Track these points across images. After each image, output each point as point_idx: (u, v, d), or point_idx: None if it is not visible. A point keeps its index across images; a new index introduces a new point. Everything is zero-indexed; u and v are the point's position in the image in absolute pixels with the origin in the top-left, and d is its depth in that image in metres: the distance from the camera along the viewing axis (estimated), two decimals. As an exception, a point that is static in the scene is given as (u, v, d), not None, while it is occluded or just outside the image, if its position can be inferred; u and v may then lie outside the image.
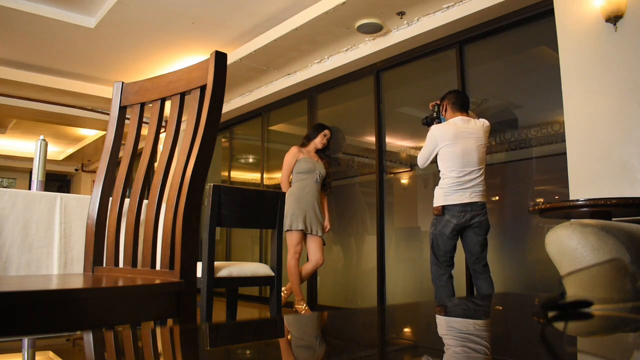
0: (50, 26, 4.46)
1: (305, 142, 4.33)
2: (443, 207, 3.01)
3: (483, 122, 3.13)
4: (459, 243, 3.09)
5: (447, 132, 3.04)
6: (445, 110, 3.22)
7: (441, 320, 0.75)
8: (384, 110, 4.54)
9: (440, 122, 3.27)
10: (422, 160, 3.21)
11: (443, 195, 3.02)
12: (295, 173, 4.17)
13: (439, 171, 3.12)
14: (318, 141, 4.26)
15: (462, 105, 3.18)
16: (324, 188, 4.27)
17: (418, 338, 0.61)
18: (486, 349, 0.52)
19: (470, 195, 2.97)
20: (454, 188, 2.98)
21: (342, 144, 4.97)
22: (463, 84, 3.81)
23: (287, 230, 3.96)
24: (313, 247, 4.05)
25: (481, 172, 3.03)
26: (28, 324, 0.84)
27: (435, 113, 3.35)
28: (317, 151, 4.30)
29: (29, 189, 2.31)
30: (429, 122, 3.39)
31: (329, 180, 4.36)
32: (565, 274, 1.09)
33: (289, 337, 0.60)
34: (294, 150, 4.23)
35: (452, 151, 3.01)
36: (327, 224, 4.20)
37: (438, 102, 3.34)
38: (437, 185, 3.10)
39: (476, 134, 3.05)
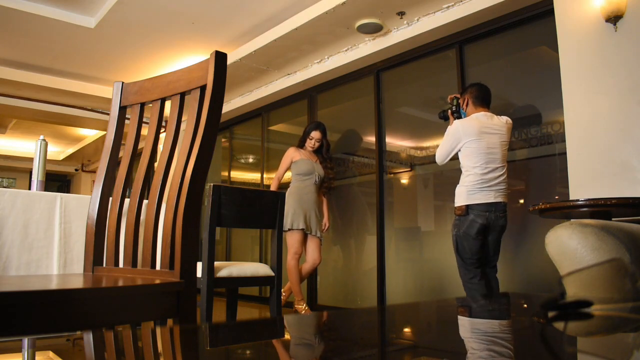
0: (50, 26, 4.46)
1: (300, 144, 4.30)
2: (467, 206, 2.86)
3: (506, 119, 3.01)
4: None
5: (471, 127, 2.90)
6: (467, 105, 3.07)
7: (442, 321, 0.75)
8: (384, 110, 4.54)
9: (460, 116, 3.11)
10: (441, 156, 3.03)
11: (467, 193, 2.87)
12: (294, 174, 4.17)
13: (460, 169, 2.98)
14: (308, 145, 4.23)
15: (484, 100, 3.04)
16: (322, 189, 4.25)
17: (418, 338, 0.61)
18: (486, 349, 0.52)
19: (494, 195, 2.84)
20: (478, 186, 2.84)
21: (357, 145, 4.94)
22: (463, 84, 3.81)
23: (289, 230, 3.95)
24: (312, 247, 4.06)
25: (504, 170, 2.91)
26: (28, 324, 0.84)
27: (454, 107, 3.15)
28: (317, 152, 4.27)
29: (29, 189, 2.31)
30: (445, 115, 3.21)
31: (332, 184, 4.33)
32: (565, 274, 1.09)
33: (289, 337, 0.60)
34: (290, 151, 4.22)
35: (476, 147, 2.87)
36: (325, 221, 4.18)
37: (457, 95, 3.18)
38: (459, 183, 2.96)
39: (500, 131, 2.93)
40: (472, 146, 2.88)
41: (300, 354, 0.51)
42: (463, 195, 2.89)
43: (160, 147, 1.24)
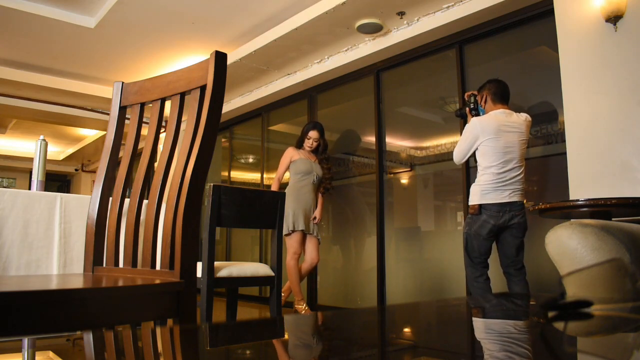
0: (50, 26, 4.46)
1: (298, 144, 4.30)
2: (480, 205, 2.82)
3: (525, 117, 2.94)
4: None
5: (489, 125, 2.83)
6: (485, 101, 3.01)
7: (441, 321, 0.75)
8: (384, 110, 4.54)
9: (478, 114, 3.06)
10: (459, 155, 2.98)
11: (480, 193, 2.83)
12: (293, 174, 4.17)
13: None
14: (306, 145, 4.23)
15: (503, 96, 2.97)
16: (321, 189, 4.25)
17: (418, 338, 0.61)
18: (486, 349, 0.52)
19: (509, 195, 2.79)
20: (493, 185, 2.80)
21: (357, 144, 4.94)
22: (463, 84, 3.81)
23: (291, 232, 3.95)
24: (310, 247, 4.06)
25: (522, 169, 2.86)
26: (28, 324, 0.84)
27: (472, 104, 3.10)
28: (315, 153, 4.27)
29: (29, 189, 2.31)
30: (463, 113, 3.17)
31: (330, 185, 4.33)
32: (565, 274, 1.09)
33: (288, 337, 0.60)
34: (289, 151, 4.23)
35: (493, 145, 2.81)
36: (316, 214, 4.14)
37: (475, 92, 3.13)
38: (474, 182, 2.93)
39: (519, 129, 2.87)
40: (489, 145, 2.84)
41: (300, 354, 0.51)
42: (477, 194, 2.86)
43: (160, 147, 1.24)
